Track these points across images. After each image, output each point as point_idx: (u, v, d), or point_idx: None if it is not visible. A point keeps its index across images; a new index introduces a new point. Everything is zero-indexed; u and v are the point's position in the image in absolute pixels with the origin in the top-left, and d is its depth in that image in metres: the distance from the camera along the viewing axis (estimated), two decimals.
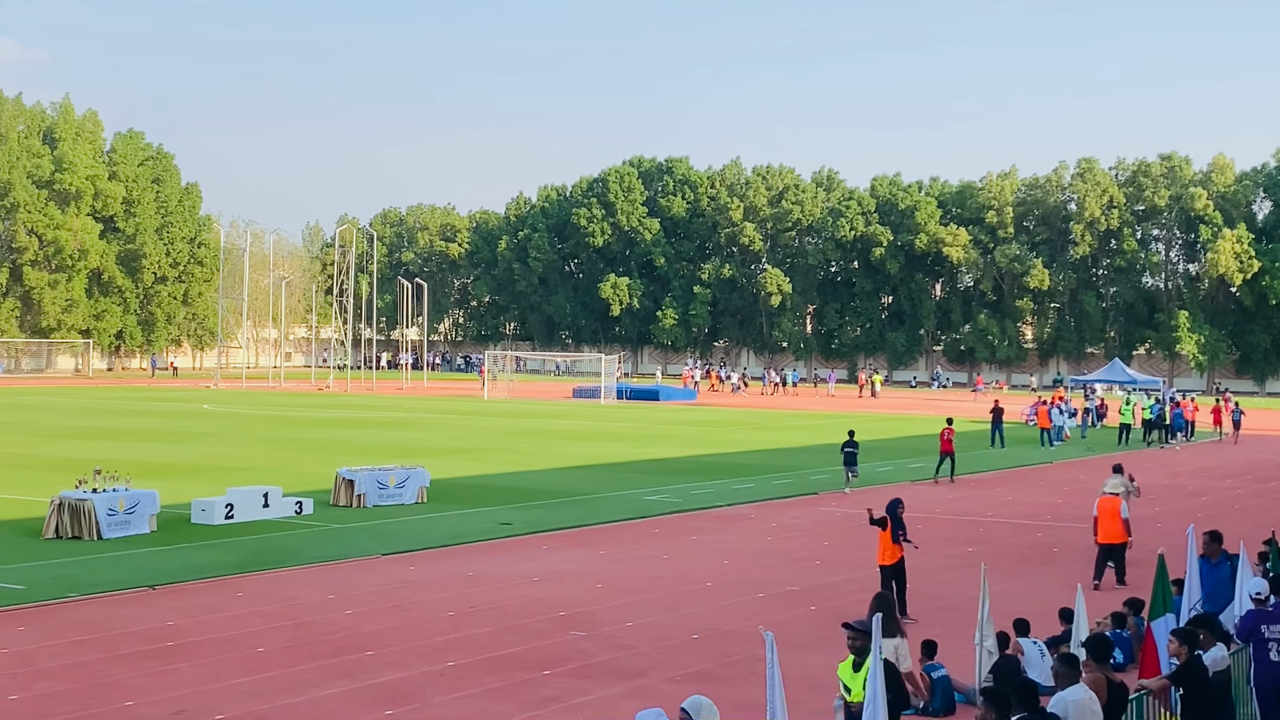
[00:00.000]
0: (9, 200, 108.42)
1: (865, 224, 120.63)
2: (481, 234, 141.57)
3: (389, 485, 32.01)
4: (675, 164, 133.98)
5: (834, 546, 27.08)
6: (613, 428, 58.75)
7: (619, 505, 32.85)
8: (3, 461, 40.49)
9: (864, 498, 34.34)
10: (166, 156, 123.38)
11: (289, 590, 21.68)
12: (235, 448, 46.33)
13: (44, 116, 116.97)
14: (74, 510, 26.27)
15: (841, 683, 11.22)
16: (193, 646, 17.83)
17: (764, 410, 75.81)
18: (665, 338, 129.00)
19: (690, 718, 8.88)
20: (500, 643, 18.28)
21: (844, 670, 11.27)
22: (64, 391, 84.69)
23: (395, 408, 72.27)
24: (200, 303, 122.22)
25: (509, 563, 24.61)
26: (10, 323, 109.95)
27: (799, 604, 21.24)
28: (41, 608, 20.13)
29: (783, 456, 46.56)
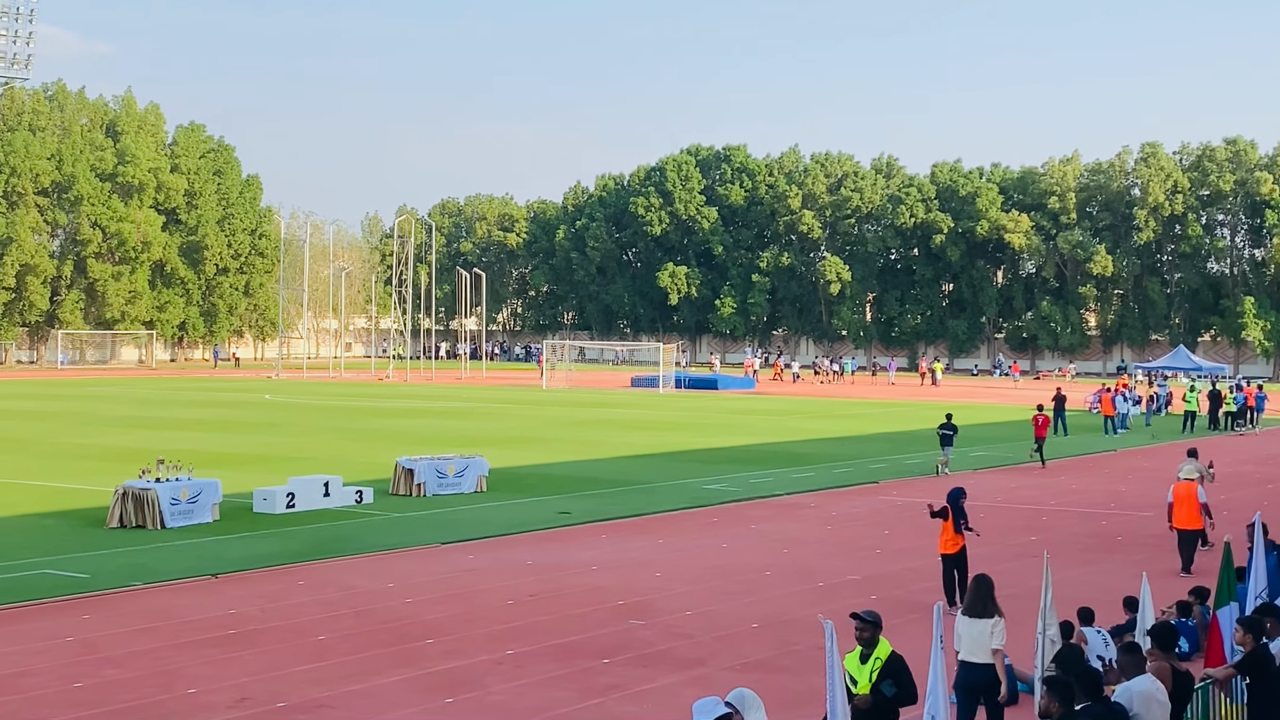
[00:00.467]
0: (73, 193, 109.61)
1: (925, 211, 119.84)
2: (539, 224, 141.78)
3: (448, 474, 32.09)
4: (733, 152, 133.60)
5: (894, 535, 26.89)
6: (671, 417, 58.68)
7: (678, 494, 32.78)
8: (68, 452, 40.96)
9: (939, 483, 34.13)
10: (227, 149, 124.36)
11: (349, 579, 21.77)
12: (296, 437, 46.64)
13: (107, 110, 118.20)
14: (138, 500, 26.50)
15: (847, 674, 10.97)
16: (255, 634, 17.94)
17: (823, 399, 75.50)
18: (723, 326, 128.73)
19: (735, 710, 8.80)
20: (559, 631, 18.27)
21: (850, 661, 11.02)
22: (128, 382, 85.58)
23: (454, 397, 72.52)
24: (261, 294, 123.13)
25: (568, 551, 24.61)
26: (75, 314, 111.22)
27: (859, 593, 21.09)
28: (106, 596, 20.31)
29: (843, 445, 46.33)
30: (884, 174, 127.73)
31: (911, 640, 17.34)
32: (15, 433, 47.13)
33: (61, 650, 16.99)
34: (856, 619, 11.02)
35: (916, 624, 18.29)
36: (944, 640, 11.04)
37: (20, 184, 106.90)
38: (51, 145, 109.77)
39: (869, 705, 10.51)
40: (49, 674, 15.90)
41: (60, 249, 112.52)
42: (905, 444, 46.57)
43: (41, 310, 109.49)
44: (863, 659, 10.89)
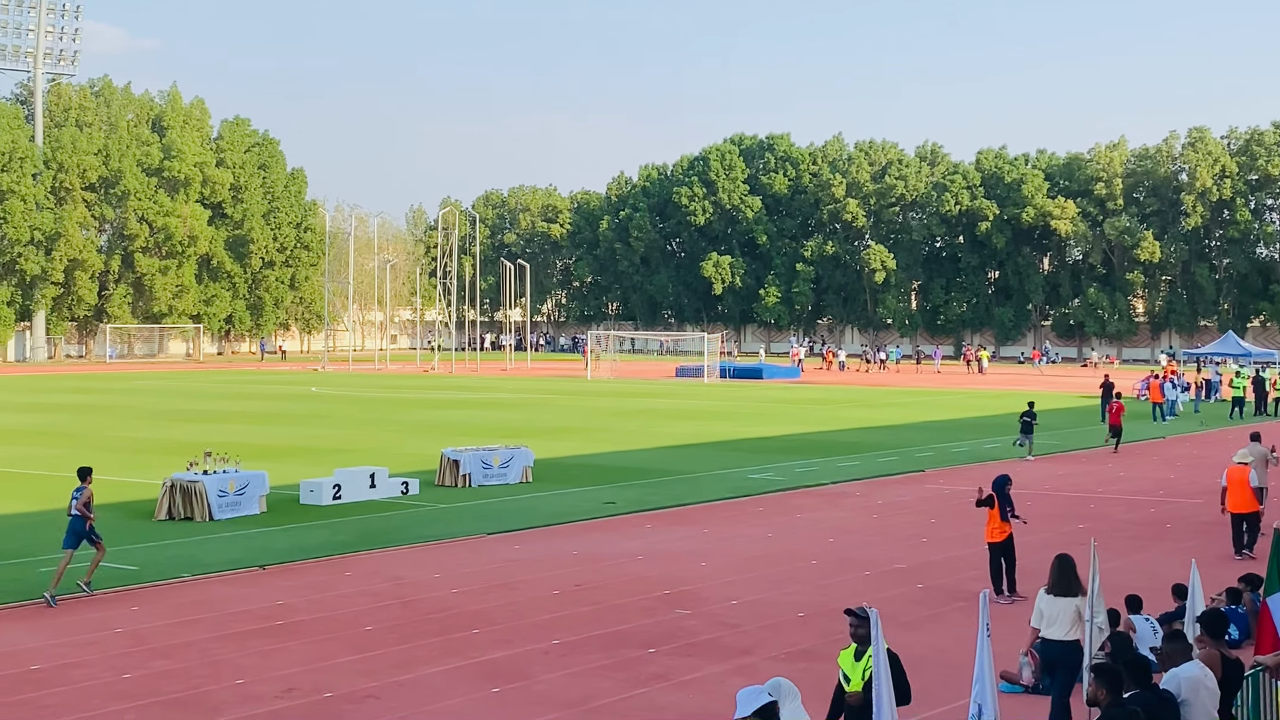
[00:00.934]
0: (120, 188, 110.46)
1: (970, 198, 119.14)
2: (583, 214, 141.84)
3: (493, 465, 32.16)
4: (776, 141, 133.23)
5: (941, 524, 26.76)
6: (716, 406, 58.62)
7: (722, 483, 32.73)
8: (117, 445, 41.31)
9: (970, 474, 33.96)
10: (272, 143, 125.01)
11: (396, 569, 21.86)
12: (342, 429, 46.87)
13: (153, 105, 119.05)
14: (185, 492, 26.69)
15: (841, 671, 10.75)
16: (302, 625, 18.03)
17: (868, 388, 75.23)
18: (768, 316, 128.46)
19: (772, 699, 8.79)
20: (605, 621, 18.28)
21: (844, 659, 10.77)
22: (175, 376, 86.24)
23: (499, 388, 72.70)
24: (307, 287, 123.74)
25: (613, 541, 24.62)
26: (123, 309, 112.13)
27: (906, 582, 21.01)
28: (154, 588, 20.47)
29: (888, 434, 46.15)
30: (928, 161, 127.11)
31: (957, 629, 17.29)
32: (65, 426, 47.57)
33: (110, 642, 17.14)
34: (851, 615, 10.78)
35: (962, 612, 18.21)
36: (990, 629, 10.98)
37: (68, 179, 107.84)
38: (98, 141, 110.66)
39: (863, 703, 10.37)
40: (98, 665, 16.04)
41: (108, 244, 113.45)
42: (951, 432, 46.35)
43: (90, 305, 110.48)
44: (857, 656, 10.68)
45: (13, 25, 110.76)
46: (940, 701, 14.45)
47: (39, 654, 16.52)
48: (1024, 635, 15.43)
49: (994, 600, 17.79)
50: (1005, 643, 14.96)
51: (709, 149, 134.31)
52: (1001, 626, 15.02)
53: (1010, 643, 15.54)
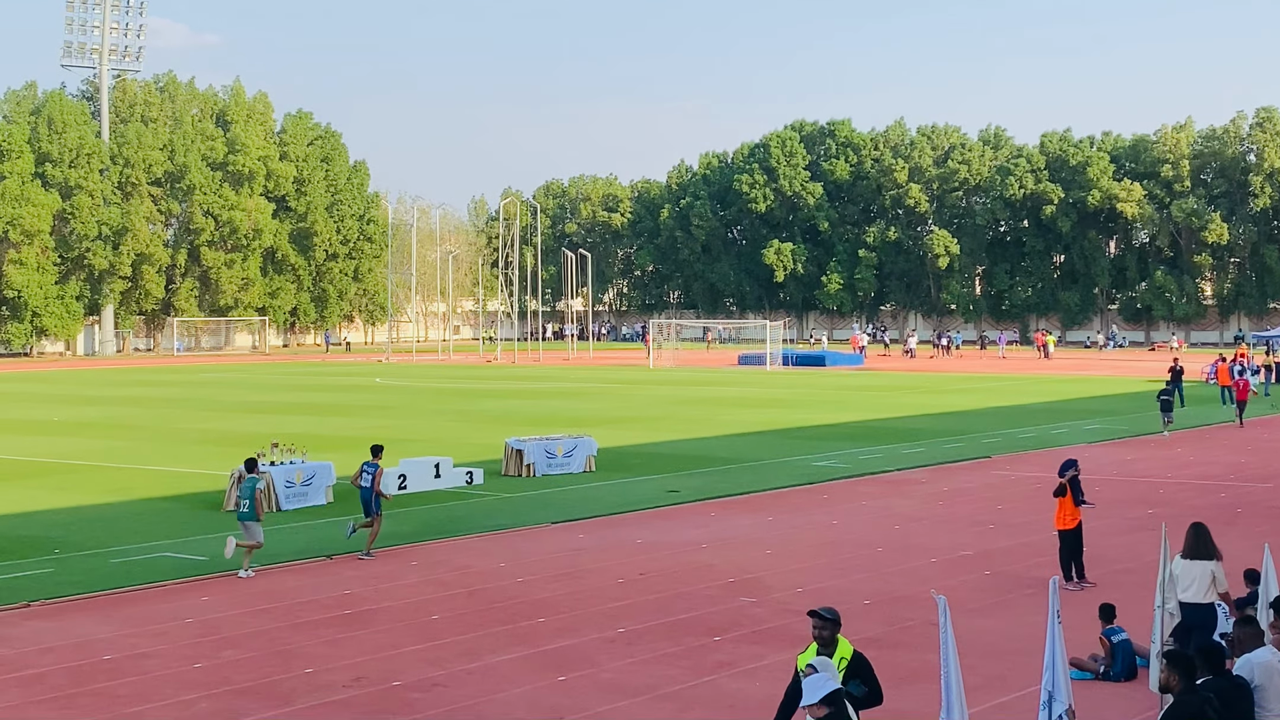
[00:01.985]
0: (185, 183, 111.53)
1: (1035, 182, 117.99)
2: (644, 203, 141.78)
3: (557, 454, 32.23)
4: (837, 126, 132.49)
5: (1007, 510, 26.55)
6: (779, 394, 58.46)
7: (786, 471, 32.64)
8: (185, 437, 41.75)
9: (1038, 459, 33.70)
10: (334, 135, 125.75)
11: (461, 559, 21.95)
12: (407, 420, 47.12)
13: (216, 100, 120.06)
14: None
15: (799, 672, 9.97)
16: (369, 615, 18.15)
17: (933, 374, 74.77)
18: (830, 303, 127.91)
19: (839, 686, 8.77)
20: (670, 609, 18.27)
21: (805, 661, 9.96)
22: (242, 368, 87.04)
23: (562, 378, 72.85)
24: (370, 278, 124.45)
25: (677, 530, 24.61)
26: (190, 302, 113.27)
27: (972, 568, 20.88)
28: (224, 578, 20.66)
29: (953, 420, 45.84)
30: (992, 145, 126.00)
31: (1027, 615, 17.15)
32: (134, 419, 48.13)
33: (181, 631, 17.32)
34: (815, 616, 10.23)
35: (1031, 599, 18.07)
36: (1060, 615, 10.87)
37: (134, 175, 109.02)
38: (163, 136, 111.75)
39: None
40: (170, 655, 16.21)
41: (174, 238, 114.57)
42: (1017, 418, 45.98)
43: (157, 299, 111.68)
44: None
45: (78, 23, 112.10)
46: (1012, 688, 14.36)
47: (111, 644, 16.72)
48: (1094, 622, 15.33)
49: (1063, 587, 17.62)
50: (1075, 629, 14.83)
51: (769, 136, 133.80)
52: (1071, 613, 14.89)
53: (1080, 629, 15.42)
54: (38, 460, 35.88)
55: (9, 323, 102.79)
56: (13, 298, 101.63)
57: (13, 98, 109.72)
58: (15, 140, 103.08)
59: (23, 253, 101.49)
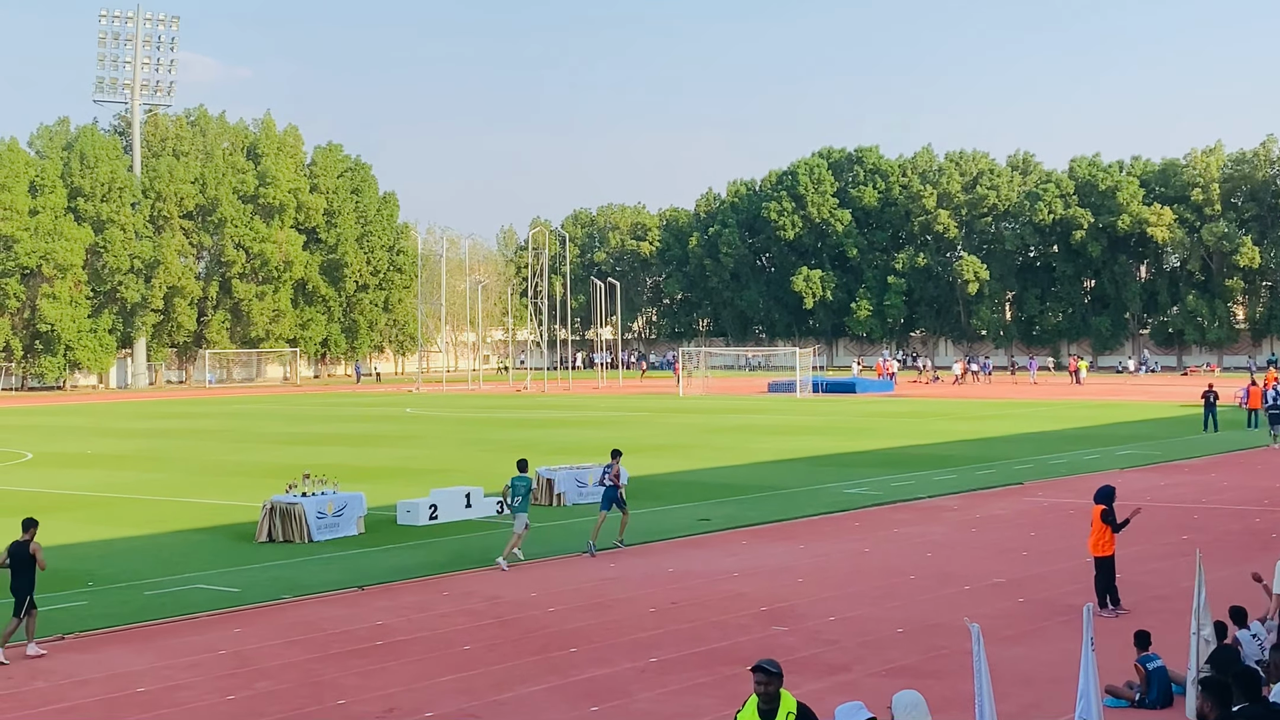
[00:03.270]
0: (217, 215, 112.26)
1: (1064, 206, 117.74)
2: (672, 231, 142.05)
3: (588, 483, 32.21)
4: (865, 153, 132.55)
5: (1041, 537, 26.41)
6: (809, 421, 58.34)
7: (818, 499, 32.55)
8: (217, 468, 41.90)
9: (1071, 485, 33.52)
10: (364, 167, 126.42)
11: (493, 589, 21.95)
12: (438, 450, 47.19)
13: (247, 133, 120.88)
14: (285, 514, 27.00)
15: None
16: (402, 645, 18.16)
17: (963, 400, 74.51)
18: (860, 329, 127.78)
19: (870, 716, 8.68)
20: (702, 638, 18.23)
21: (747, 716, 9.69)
22: (273, 399, 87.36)
23: (592, 407, 72.87)
24: (400, 309, 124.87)
25: (709, 558, 24.55)
26: (221, 334, 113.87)
27: (1006, 596, 20.76)
28: (256, 609, 20.71)
29: (985, 447, 45.65)
30: (1020, 170, 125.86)
31: (1061, 643, 17.04)
32: (167, 451, 48.35)
33: (214, 663, 17.36)
34: (759, 671, 9.72)
35: (1065, 626, 17.96)
36: (1094, 643, 10.81)
37: (166, 208, 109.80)
38: (195, 169, 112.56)
39: None
40: (202, 687, 16.24)
41: (205, 270, 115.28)
42: (1049, 444, 45.77)
43: (189, 331, 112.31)
44: (763, 716, 9.64)
45: (110, 59, 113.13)
46: (1046, 716, 14.27)
47: (145, 676, 16.77)
48: (1128, 649, 15.21)
49: (1098, 614, 17.51)
50: (1110, 656, 14.74)
51: (797, 163, 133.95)
52: (1105, 640, 14.81)
53: (1114, 656, 15.32)
54: (72, 493, 36.07)
55: (43, 356, 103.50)
56: (46, 331, 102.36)
57: (45, 133, 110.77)
58: (48, 175, 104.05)
59: (56, 287, 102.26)
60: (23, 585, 18.11)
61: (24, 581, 18.10)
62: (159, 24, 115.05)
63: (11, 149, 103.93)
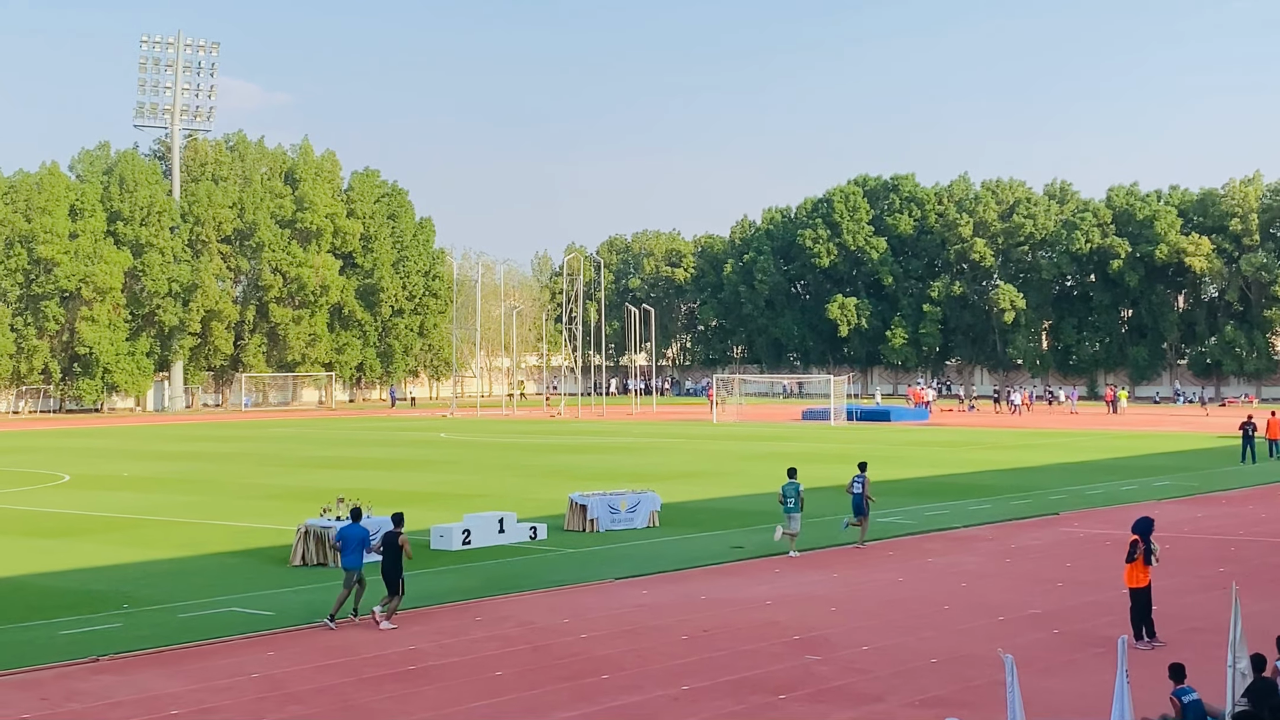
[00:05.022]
0: (255, 240, 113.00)
1: (1101, 236, 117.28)
2: (707, 258, 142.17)
3: (620, 510, 32.21)
4: (901, 181, 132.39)
5: (1076, 568, 26.24)
6: (843, 449, 58.15)
7: (851, 527, 32.38)
8: (252, 492, 42.08)
9: (1106, 516, 33.32)
10: (401, 193, 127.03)
11: (525, 614, 21.96)
12: (471, 475, 47.28)
13: (285, 158, 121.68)
14: (319, 538, 27.07)
15: None
16: (434, 670, 18.18)
17: (999, 429, 74.18)
18: (895, 358, 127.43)
19: None
20: (735, 666, 18.18)
21: None
22: (308, 423, 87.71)
23: (625, 433, 72.87)
24: (435, 334, 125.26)
25: (741, 586, 24.50)
26: (258, 358, 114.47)
27: (1041, 627, 20.63)
28: (290, 633, 20.77)
29: (1020, 476, 45.42)
30: (1057, 199, 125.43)
31: (1095, 675, 16.93)
32: (203, 474, 48.60)
33: (247, 687, 17.41)
34: None
35: (1100, 658, 17.84)
36: (1129, 675, 10.74)
37: (204, 232, 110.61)
38: (233, 194, 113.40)
39: None
40: (235, 710, 16.29)
41: (243, 295, 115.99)
42: (1085, 474, 45.51)
43: (226, 354, 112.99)
44: None
45: (151, 84, 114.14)
46: None
47: (178, 699, 16.83)
48: (1163, 682, 15.09)
49: (1133, 646, 17.39)
50: (1144, 689, 14.63)
51: (833, 190, 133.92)
52: (1140, 672, 14.70)
53: (1149, 689, 15.19)
54: (108, 515, 36.29)
55: (81, 379, 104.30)
56: (85, 354, 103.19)
57: (86, 157, 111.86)
58: (88, 199, 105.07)
59: (95, 310, 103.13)
60: (393, 570, 21.06)
61: (394, 566, 21.06)
62: (199, 50, 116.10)
63: (52, 173, 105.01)
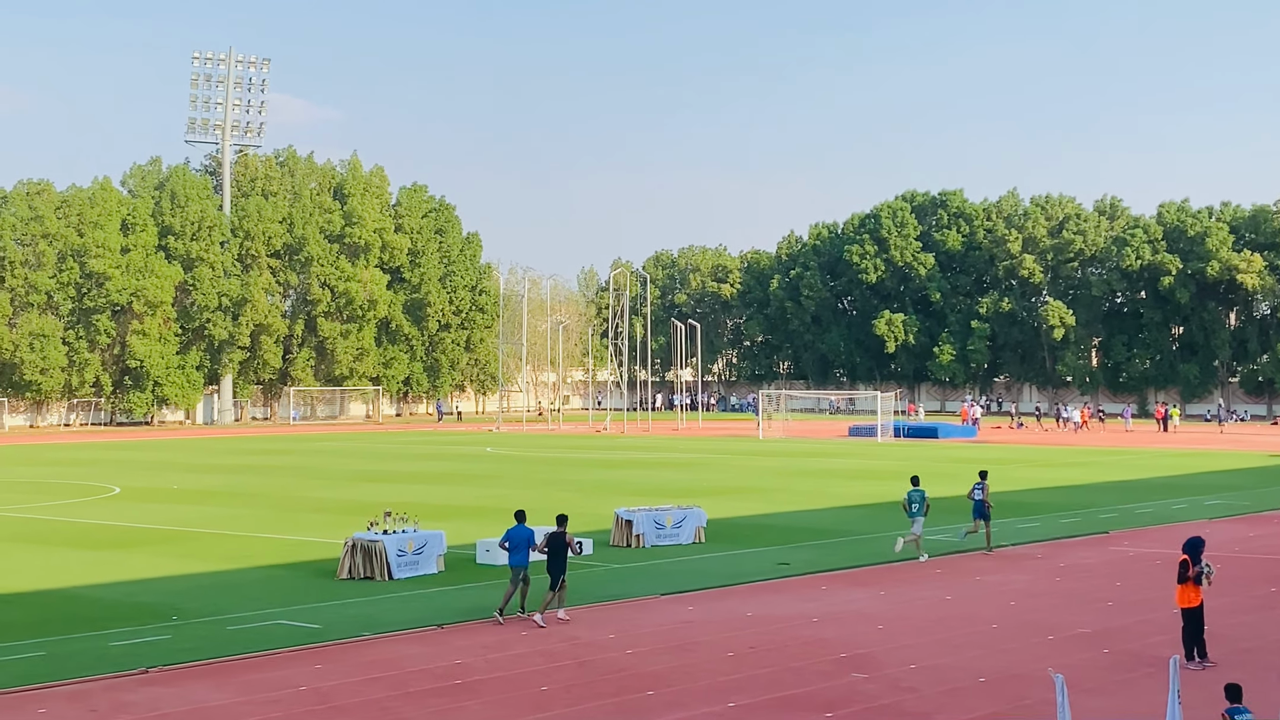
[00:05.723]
0: (304, 255, 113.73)
1: (1152, 252, 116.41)
2: (753, 274, 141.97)
3: (666, 525, 32.16)
4: (949, 197, 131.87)
5: (1127, 587, 26.00)
6: (891, 466, 57.88)
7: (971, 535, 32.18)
8: (301, 505, 42.28)
9: (1157, 535, 33.01)
10: (448, 208, 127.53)
11: (571, 629, 21.94)
12: (517, 489, 47.33)
13: (334, 174, 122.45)
14: (366, 551, 27.16)
15: None
16: (480, 685, 18.18)
17: (1048, 447, 73.65)
18: (942, 374, 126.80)
19: None
20: (781, 684, 18.09)
21: None
22: (356, 437, 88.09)
23: (671, 448, 72.81)
24: (481, 348, 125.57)
25: (788, 603, 24.40)
26: (306, 372, 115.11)
27: (1091, 647, 20.44)
28: (337, 646, 20.83)
29: (1069, 494, 45.09)
30: (1107, 215, 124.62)
31: (1146, 695, 16.75)
32: (251, 487, 48.87)
33: (295, 699, 17.46)
34: None
35: (1151, 678, 17.67)
36: (1181, 695, 10.62)
37: (254, 247, 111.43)
38: (283, 209, 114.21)
39: None
40: None
41: (291, 309, 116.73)
42: (1135, 493, 45.12)
43: (275, 368, 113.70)
44: None
45: (202, 100, 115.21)
46: None
47: (226, 711, 16.90)
48: (1215, 702, 14.91)
49: (1184, 666, 17.20)
50: (1196, 709, 14.46)
51: (880, 206, 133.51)
52: (1192, 693, 14.53)
53: (1201, 710, 15.02)
54: (158, 527, 36.54)
55: (131, 392, 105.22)
56: (135, 367, 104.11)
57: (138, 172, 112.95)
58: (140, 214, 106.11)
59: (146, 323, 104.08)
60: (558, 566, 22.58)
61: (559, 563, 22.60)
62: (250, 66, 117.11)
63: (105, 188, 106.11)
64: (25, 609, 24.28)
